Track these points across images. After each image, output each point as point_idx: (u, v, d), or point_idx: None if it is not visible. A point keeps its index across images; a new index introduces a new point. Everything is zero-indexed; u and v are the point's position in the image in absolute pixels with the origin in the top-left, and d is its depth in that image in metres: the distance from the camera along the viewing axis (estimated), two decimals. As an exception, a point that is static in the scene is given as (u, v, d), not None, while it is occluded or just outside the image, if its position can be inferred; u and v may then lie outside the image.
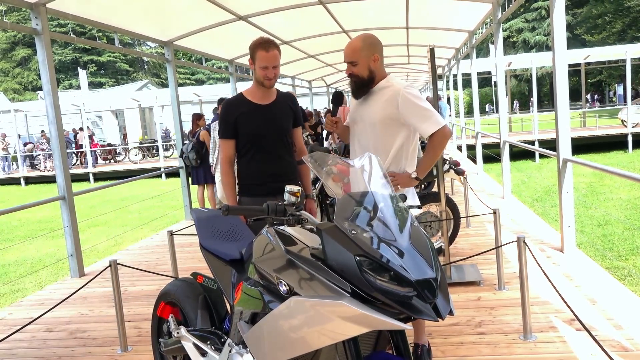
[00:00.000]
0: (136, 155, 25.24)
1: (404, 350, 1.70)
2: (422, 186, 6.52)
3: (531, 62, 22.91)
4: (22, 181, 23.47)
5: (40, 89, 17.77)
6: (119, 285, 3.51)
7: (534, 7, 48.79)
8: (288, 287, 1.63)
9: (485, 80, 39.88)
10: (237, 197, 3.21)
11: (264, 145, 3.09)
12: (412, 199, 2.91)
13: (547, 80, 43.67)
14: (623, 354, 2.88)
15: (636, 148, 18.70)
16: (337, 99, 3.01)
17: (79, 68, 31.68)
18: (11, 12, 45.47)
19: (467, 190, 6.27)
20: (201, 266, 5.31)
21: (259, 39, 3.01)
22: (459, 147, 15.64)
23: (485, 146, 14.14)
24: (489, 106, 41.97)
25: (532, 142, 17.94)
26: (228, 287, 2.29)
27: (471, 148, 13.03)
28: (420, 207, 2.15)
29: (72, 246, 5.38)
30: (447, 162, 5.70)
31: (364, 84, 2.77)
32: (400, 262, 1.47)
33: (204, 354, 2.33)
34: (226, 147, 3.13)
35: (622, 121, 21.26)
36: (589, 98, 42.54)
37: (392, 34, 9.54)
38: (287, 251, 1.70)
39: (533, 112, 21.47)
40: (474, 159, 11.63)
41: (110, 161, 26.13)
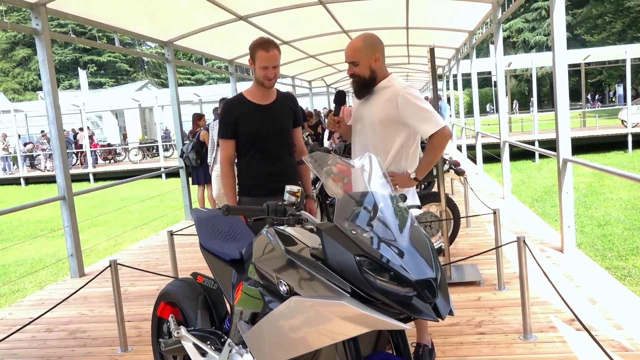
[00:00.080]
0: (136, 156, 25.24)
1: (404, 350, 1.70)
2: (422, 186, 6.51)
3: (531, 62, 22.91)
4: (22, 181, 23.47)
5: (40, 89, 17.75)
6: (119, 286, 3.51)
7: (534, 7, 48.80)
8: (288, 287, 1.63)
9: (485, 81, 39.89)
10: (237, 197, 3.21)
11: (264, 146, 3.09)
12: (413, 199, 2.91)
13: (547, 80, 43.67)
14: (623, 354, 2.88)
15: (636, 148, 18.70)
16: (340, 98, 3.00)
17: (79, 68, 31.65)
18: (11, 12, 45.48)
19: (467, 191, 6.27)
20: (201, 266, 5.31)
21: (258, 39, 3.00)
22: (459, 147, 15.65)
23: (485, 146, 14.14)
24: (490, 106, 41.98)
25: (532, 142, 17.94)
26: (228, 287, 2.29)
27: (471, 148, 13.03)
28: (420, 207, 2.15)
29: (72, 246, 5.39)
30: (447, 162, 5.70)
31: (365, 83, 2.77)
32: (400, 262, 1.47)
33: (204, 354, 2.33)
34: (226, 147, 3.13)
35: (622, 121, 21.26)
36: (590, 98, 42.57)
37: (392, 34, 9.54)
38: (287, 251, 1.70)
39: (533, 112, 21.48)
40: (474, 159, 11.63)
41: (110, 161, 26.12)
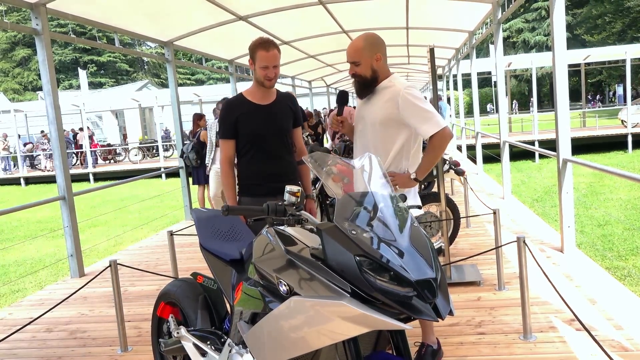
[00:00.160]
0: (136, 156, 25.24)
1: (404, 350, 1.70)
2: (422, 186, 6.52)
3: (531, 62, 22.91)
4: (22, 181, 23.48)
5: (40, 89, 17.73)
6: (119, 286, 3.51)
7: (534, 7, 48.80)
8: (288, 287, 1.63)
9: (485, 81, 39.89)
10: (237, 197, 3.21)
11: (264, 146, 3.09)
12: (414, 199, 2.90)
13: (547, 80, 43.67)
14: (623, 354, 2.88)
15: (636, 148, 18.70)
16: (342, 98, 3.00)
17: (79, 68, 31.64)
18: (11, 12, 45.48)
19: (467, 191, 6.27)
20: (201, 266, 5.31)
21: (258, 39, 3.01)
22: (459, 147, 15.65)
23: (485, 146, 14.14)
24: (490, 106, 41.99)
25: (532, 143, 17.95)
26: (228, 287, 2.29)
27: (471, 148, 13.03)
28: (420, 207, 2.15)
29: (72, 246, 5.39)
30: (447, 162, 5.70)
31: (367, 83, 2.76)
32: (400, 262, 1.47)
33: (204, 354, 2.34)
34: (226, 147, 3.13)
35: (622, 121, 21.26)
36: (591, 98, 42.59)
37: (392, 34, 9.54)
38: (287, 251, 1.70)
39: (533, 112, 21.48)
40: (474, 159, 11.63)
41: (110, 161, 26.12)
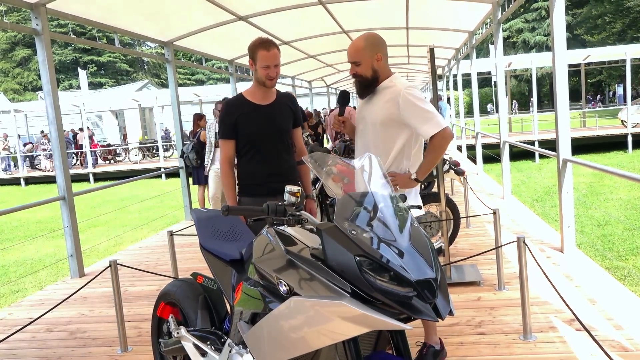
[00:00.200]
0: (136, 156, 25.24)
1: (403, 350, 1.70)
2: (422, 186, 6.51)
3: (531, 62, 22.92)
4: (22, 181, 23.48)
5: (40, 89, 17.72)
6: (119, 286, 3.51)
7: (534, 7, 48.80)
8: (288, 287, 1.63)
9: (485, 81, 39.89)
10: (237, 197, 3.21)
11: (264, 146, 3.10)
12: (415, 199, 2.90)
13: (547, 80, 43.67)
14: (623, 354, 2.88)
15: (636, 148, 18.70)
16: (343, 98, 2.99)
17: (79, 68, 31.61)
18: (11, 12, 45.47)
19: (467, 191, 6.27)
20: (201, 266, 5.31)
21: (258, 39, 3.02)
22: (459, 148, 15.65)
23: (485, 146, 14.14)
24: (491, 106, 41.99)
25: (532, 143, 17.95)
26: (228, 288, 2.29)
27: (471, 148, 13.03)
28: (420, 207, 2.15)
29: (72, 246, 5.39)
30: (447, 162, 5.70)
31: (368, 83, 2.76)
32: (400, 263, 1.47)
33: (204, 354, 2.33)
34: (226, 147, 3.13)
35: (622, 121, 21.26)
36: (591, 98, 42.59)
37: (392, 34, 9.54)
38: (287, 251, 1.70)
39: (533, 112, 21.49)
40: (474, 159, 11.63)
41: (110, 161, 26.12)
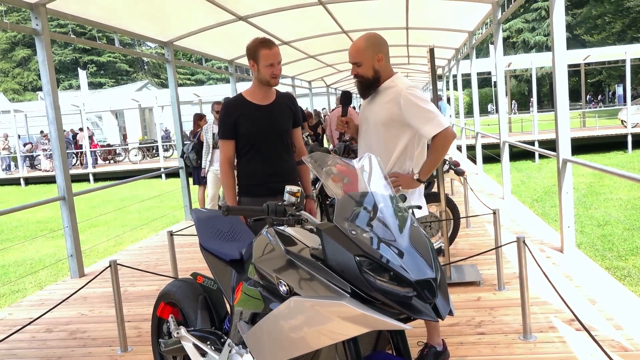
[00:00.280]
0: (136, 156, 25.24)
1: (404, 350, 1.70)
2: (422, 186, 6.50)
3: (531, 62, 22.93)
4: (22, 181, 23.48)
5: (40, 89, 17.72)
6: (118, 286, 3.51)
7: (534, 7, 48.81)
8: (288, 288, 1.63)
9: (485, 81, 39.89)
10: (237, 197, 3.21)
11: (264, 146, 3.10)
12: (419, 199, 2.89)
13: (547, 80, 43.67)
14: (623, 354, 2.88)
15: (636, 148, 18.70)
16: (346, 98, 2.99)
17: (78, 68, 31.61)
18: (11, 12, 45.46)
19: (466, 191, 6.27)
20: (201, 266, 5.31)
21: (256, 39, 3.03)
22: (459, 148, 15.65)
23: (485, 146, 14.14)
24: (491, 106, 41.98)
25: (532, 143, 17.95)
26: (228, 288, 2.29)
27: (471, 148, 13.03)
28: (420, 207, 2.15)
29: (72, 246, 5.39)
30: (447, 162, 5.70)
31: (369, 84, 2.76)
32: (400, 263, 1.47)
33: (203, 354, 2.33)
34: (226, 147, 3.13)
35: (621, 121, 21.27)
36: (592, 98, 42.59)
37: (392, 34, 9.54)
38: (287, 251, 1.70)
39: (533, 112, 21.49)
40: (473, 159, 11.63)
41: (110, 161, 26.12)
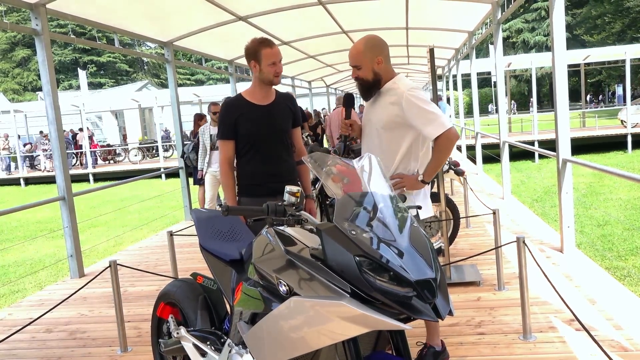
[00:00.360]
0: (136, 156, 25.24)
1: (403, 350, 1.70)
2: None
3: (531, 62, 22.94)
4: (22, 182, 23.47)
5: (40, 89, 17.72)
6: (118, 286, 3.51)
7: (534, 7, 48.82)
8: (288, 288, 1.63)
9: (485, 81, 39.88)
10: (236, 197, 3.21)
11: (264, 146, 3.10)
12: (423, 200, 2.88)
13: (546, 80, 43.68)
14: (622, 354, 2.88)
15: (635, 148, 18.71)
16: (348, 101, 2.99)
17: (78, 68, 31.58)
18: (11, 12, 45.45)
19: (466, 191, 6.28)
20: (201, 267, 5.31)
21: (256, 40, 3.04)
22: (459, 148, 15.64)
23: (485, 146, 14.14)
24: (492, 106, 41.96)
25: (532, 143, 17.95)
26: (228, 288, 2.29)
27: (471, 148, 13.04)
28: (420, 207, 2.14)
29: (72, 247, 5.38)
30: (447, 162, 5.70)
31: (370, 86, 2.76)
32: (400, 263, 1.47)
33: (203, 354, 2.33)
34: (226, 148, 3.13)
35: (621, 121, 21.27)
36: (592, 98, 42.58)
37: (391, 34, 9.54)
38: (286, 251, 1.70)
39: (533, 112, 21.50)
40: (473, 159, 11.63)
41: (110, 162, 26.12)
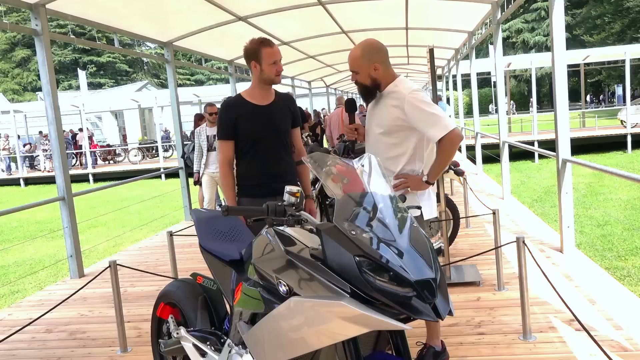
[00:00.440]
0: (136, 156, 25.23)
1: (403, 350, 1.70)
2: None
3: (530, 62, 22.95)
4: (22, 182, 23.47)
5: (40, 89, 17.72)
6: (118, 286, 3.51)
7: (534, 7, 48.80)
8: (288, 288, 1.63)
9: (485, 81, 39.87)
10: (236, 198, 3.21)
11: (263, 146, 3.10)
12: (428, 200, 2.88)
13: (546, 80, 43.68)
14: (622, 354, 2.89)
15: (635, 148, 18.71)
16: (350, 106, 2.99)
17: (78, 69, 31.60)
18: (11, 12, 45.43)
19: (466, 191, 6.28)
20: (201, 267, 5.30)
21: (255, 40, 3.05)
22: (459, 148, 15.65)
23: (484, 147, 14.14)
24: (492, 106, 41.94)
25: (532, 143, 17.94)
26: (228, 288, 2.29)
27: (471, 149, 13.04)
28: (420, 207, 2.14)
29: (72, 247, 5.38)
30: (447, 162, 5.69)
31: (368, 90, 2.78)
32: (400, 263, 1.47)
33: (203, 354, 2.34)
34: (225, 148, 3.13)
35: (621, 121, 21.27)
36: (593, 98, 42.58)
37: (391, 34, 9.55)
38: (286, 252, 1.70)
39: (532, 112, 21.50)
40: (473, 159, 11.63)
41: (109, 162, 26.11)
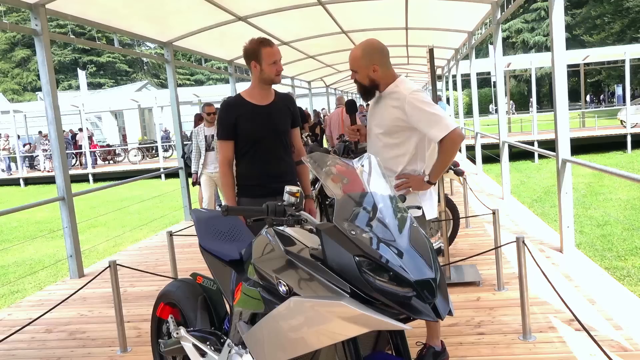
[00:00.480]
0: (135, 156, 25.23)
1: (403, 350, 1.70)
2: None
3: (530, 62, 22.96)
4: (22, 182, 23.46)
5: (40, 89, 17.71)
6: (118, 286, 3.51)
7: (533, 7, 48.81)
8: (287, 288, 1.63)
9: (485, 81, 39.87)
10: (236, 198, 3.21)
11: (263, 146, 3.10)
12: (430, 200, 2.88)
13: (546, 80, 43.70)
14: (622, 354, 2.89)
15: (635, 148, 18.71)
16: (351, 107, 3.00)
17: (78, 69, 31.57)
18: (10, 12, 45.43)
19: (466, 191, 6.28)
20: (201, 267, 5.30)
21: (255, 40, 3.05)
22: (459, 148, 15.66)
23: (484, 147, 14.14)
24: (492, 106, 41.92)
25: (532, 143, 17.94)
26: (227, 288, 2.29)
27: (471, 149, 13.04)
28: (420, 207, 2.14)
29: (72, 247, 5.38)
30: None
31: (366, 90, 2.79)
32: (400, 263, 1.47)
33: (203, 354, 2.34)
34: (225, 148, 3.13)
35: (621, 121, 21.28)
36: (593, 98, 42.58)
37: (391, 34, 9.55)
38: (286, 252, 1.70)
39: (532, 112, 21.51)
40: (473, 159, 11.63)
41: (109, 162, 26.11)
